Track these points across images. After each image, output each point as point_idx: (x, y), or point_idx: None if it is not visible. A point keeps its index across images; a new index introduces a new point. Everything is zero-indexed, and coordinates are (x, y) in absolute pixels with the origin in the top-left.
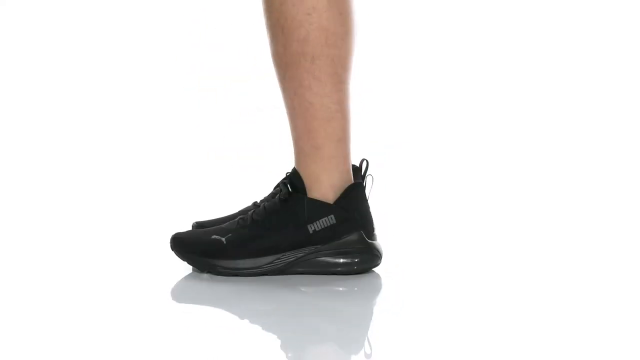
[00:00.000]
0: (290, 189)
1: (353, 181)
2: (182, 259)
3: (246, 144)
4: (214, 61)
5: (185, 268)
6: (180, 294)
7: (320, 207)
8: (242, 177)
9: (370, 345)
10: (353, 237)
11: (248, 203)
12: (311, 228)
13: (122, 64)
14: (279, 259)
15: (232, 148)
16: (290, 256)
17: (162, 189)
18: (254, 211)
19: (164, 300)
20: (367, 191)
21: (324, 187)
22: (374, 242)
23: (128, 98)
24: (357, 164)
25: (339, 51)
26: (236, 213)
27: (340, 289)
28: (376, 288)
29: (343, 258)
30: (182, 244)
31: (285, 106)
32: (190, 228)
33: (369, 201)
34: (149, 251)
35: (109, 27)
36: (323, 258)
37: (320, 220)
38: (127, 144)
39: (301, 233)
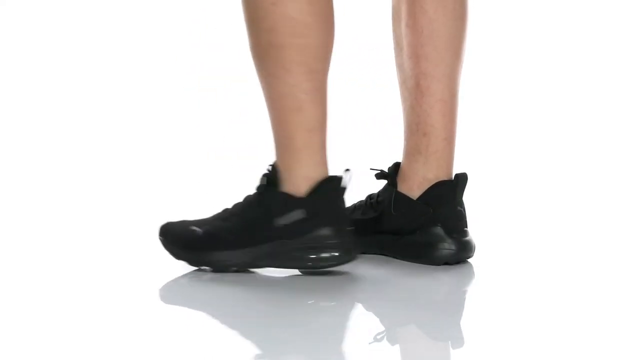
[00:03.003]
0: (267, 182)
1: (328, 174)
2: (164, 247)
3: (246, 144)
4: (214, 61)
5: (179, 267)
6: (169, 294)
7: (290, 201)
8: (241, 176)
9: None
10: (324, 232)
11: None
12: (281, 222)
13: (122, 64)
14: (249, 252)
15: (232, 148)
16: (259, 250)
17: (161, 188)
18: (234, 204)
19: (155, 301)
20: (345, 185)
21: (297, 178)
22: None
23: (128, 98)
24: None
25: (308, 40)
26: None
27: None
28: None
29: (313, 253)
30: (166, 232)
31: (264, 98)
32: None
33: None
34: (148, 251)
35: (109, 27)
36: (292, 253)
37: (290, 214)
38: (127, 144)
39: (271, 227)
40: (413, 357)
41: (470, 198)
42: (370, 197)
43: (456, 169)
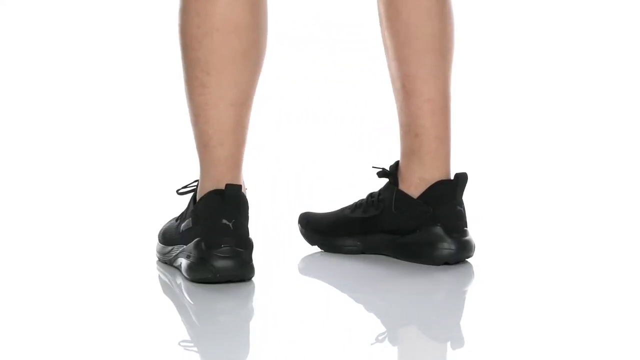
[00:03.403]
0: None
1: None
2: None
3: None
4: None
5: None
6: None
7: (189, 208)
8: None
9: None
10: (198, 244)
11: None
12: (181, 227)
13: (122, 63)
14: (169, 251)
15: None
16: (172, 251)
17: (161, 189)
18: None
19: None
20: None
21: (200, 188)
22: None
23: (128, 98)
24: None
25: (197, 54)
26: (352, 205)
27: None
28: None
29: (184, 262)
30: None
31: None
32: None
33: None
34: (145, 250)
35: (109, 27)
36: (179, 258)
37: (185, 222)
38: (127, 144)
39: (177, 231)
40: (414, 358)
41: (470, 198)
42: (371, 195)
43: (456, 169)
